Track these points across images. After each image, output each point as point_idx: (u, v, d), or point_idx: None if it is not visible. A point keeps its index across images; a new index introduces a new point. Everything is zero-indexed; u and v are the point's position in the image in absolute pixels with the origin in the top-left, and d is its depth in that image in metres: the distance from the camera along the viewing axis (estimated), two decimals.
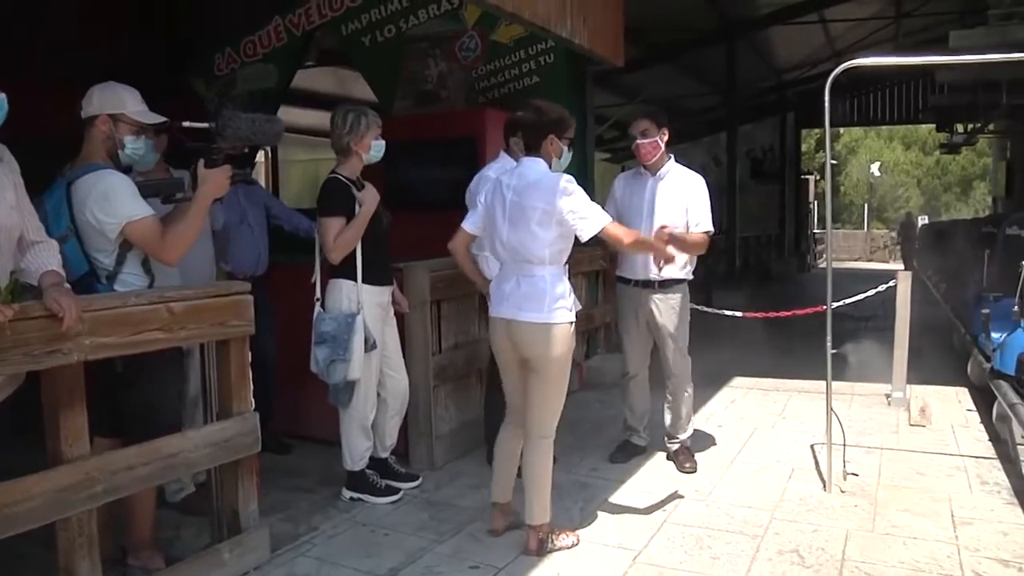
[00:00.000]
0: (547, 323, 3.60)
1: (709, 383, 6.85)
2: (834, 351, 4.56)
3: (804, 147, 28.22)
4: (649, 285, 4.82)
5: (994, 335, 5.94)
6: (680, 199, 4.74)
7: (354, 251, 4.18)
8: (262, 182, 11.37)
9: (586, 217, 3.54)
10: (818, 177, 26.59)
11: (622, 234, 3.64)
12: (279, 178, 11.64)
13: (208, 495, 3.63)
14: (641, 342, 4.96)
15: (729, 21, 14.29)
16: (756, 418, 6.12)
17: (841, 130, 38.47)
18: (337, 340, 4.09)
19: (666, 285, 4.80)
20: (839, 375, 7.22)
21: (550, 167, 3.70)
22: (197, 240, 3.43)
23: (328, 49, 9.31)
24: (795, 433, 5.66)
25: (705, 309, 6.91)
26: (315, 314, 4.24)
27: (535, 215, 3.57)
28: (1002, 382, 5.40)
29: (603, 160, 18.93)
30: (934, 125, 21.40)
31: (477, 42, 7.65)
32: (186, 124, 3.28)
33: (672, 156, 4.89)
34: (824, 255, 29.03)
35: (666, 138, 4.77)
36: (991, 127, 17.74)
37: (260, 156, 10.72)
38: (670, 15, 12.71)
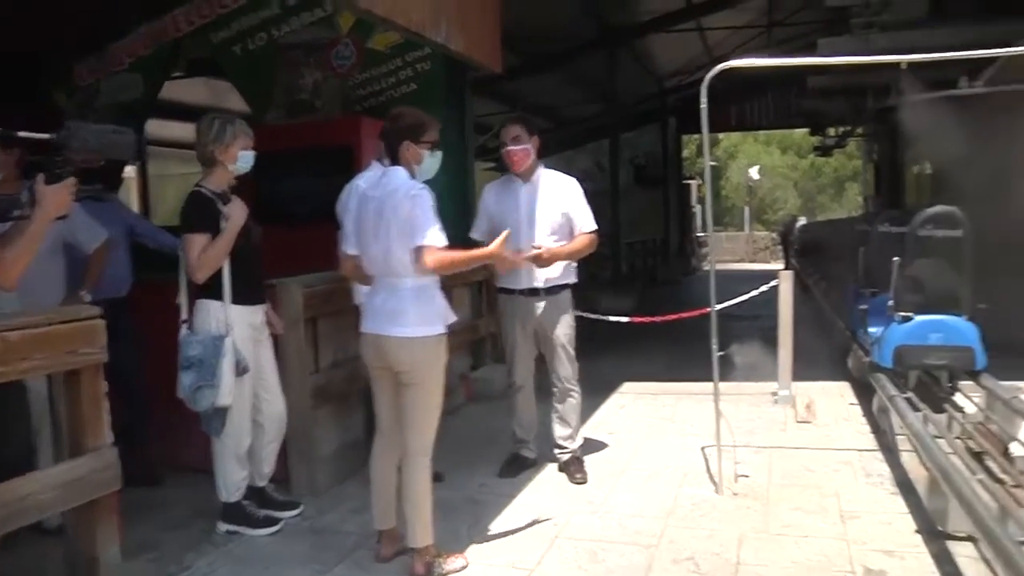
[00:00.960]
0: (414, 337, 3.46)
1: (598, 390, 6.80)
2: (720, 353, 4.54)
3: (686, 152, 28.81)
4: (535, 293, 4.73)
5: (871, 330, 6.06)
6: (556, 204, 4.69)
7: (221, 269, 3.93)
8: (133, 198, 10.83)
9: (415, 228, 3.40)
10: (700, 181, 27.21)
11: (430, 261, 3.42)
12: (150, 194, 11.12)
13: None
14: (527, 352, 4.87)
15: (609, 29, 14.43)
16: (646, 423, 6.10)
17: (721, 135, 39.57)
18: (204, 364, 3.83)
19: (553, 291, 4.75)
20: (727, 376, 7.28)
21: (412, 174, 3.55)
22: (49, 260, 3.14)
23: (199, 59, 8.93)
24: (685, 437, 5.65)
25: (591, 316, 6.85)
26: (180, 337, 3.97)
27: (394, 226, 3.43)
28: (880, 375, 5.49)
29: (487, 169, 18.85)
30: (808, 129, 22.19)
31: (352, 50, 7.45)
32: (22, 135, 2.99)
33: (543, 163, 4.82)
34: (708, 256, 29.68)
35: (537, 145, 4.69)
36: (859, 130, 18.44)
37: (130, 171, 10.21)
38: (551, 24, 12.77)
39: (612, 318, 7.06)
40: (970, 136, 9.81)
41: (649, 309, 8.57)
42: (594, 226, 4.75)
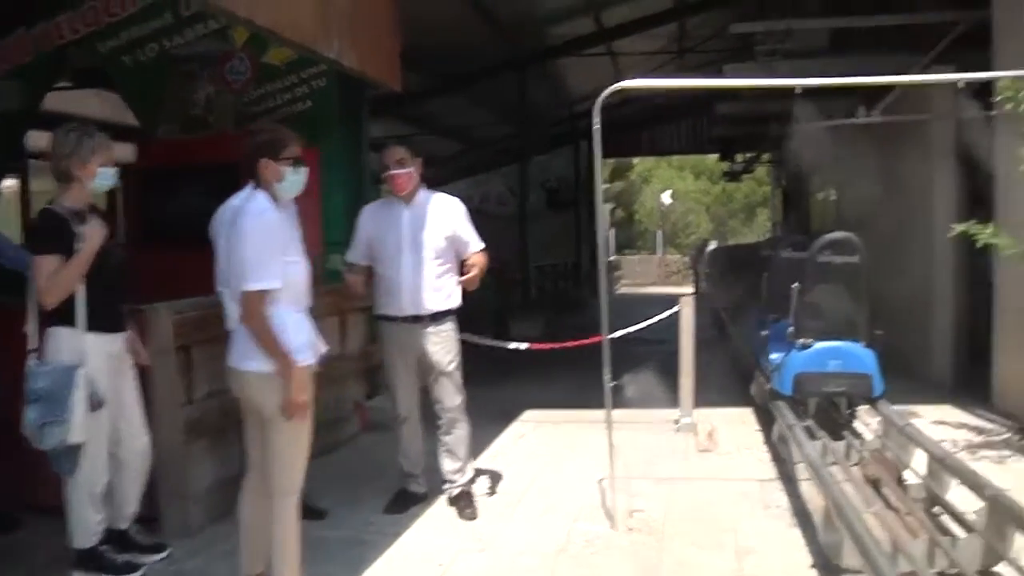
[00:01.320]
0: (263, 372, 3.22)
1: (498, 419, 6.63)
2: (613, 383, 4.38)
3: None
4: (418, 320, 4.54)
5: (772, 356, 6.01)
6: (440, 227, 4.55)
7: (74, 294, 3.61)
8: (13, 214, 10.25)
9: (240, 268, 3.18)
10: (613, 205, 27.42)
11: (245, 316, 3.20)
12: (32, 210, 10.55)
13: None
14: (411, 382, 4.66)
15: (520, 51, 14.35)
16: (545, 454, 5.91)
17: (635, 160, 40.06)
18: (52, 398, 3.49)
19: (438, 318, 4.57)
20: (629, 402, 7.20)
21: (275, 193, 3.32)
22: None
23: (89, 69, 8.48)
24: (584, 468, 5.46)
25: (489, 343, 6.68)
26: (27, 368, 3.62)
27: (233, 257, 3.23)
28: (781, 403, 5.45)
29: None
30: (718, 155, 22.58)
31: (247, 64, 7.15)
32: None
33: (424, 185, 4.68)
34: (620, 280, 29.79)
35: (420, 168, 4.53)
36: (766, 156, 18.80)
37: (8, 183, 9.68)
38: (461, 44, 12.61)
39: (511, 345, 6.85)
40: (863, 163, 10.01)
41: (559, 333, 8.44)
42: (482, 244, 4.68)
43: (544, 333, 12.70)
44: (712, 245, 23.50)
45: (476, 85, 15.01)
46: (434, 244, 4.52)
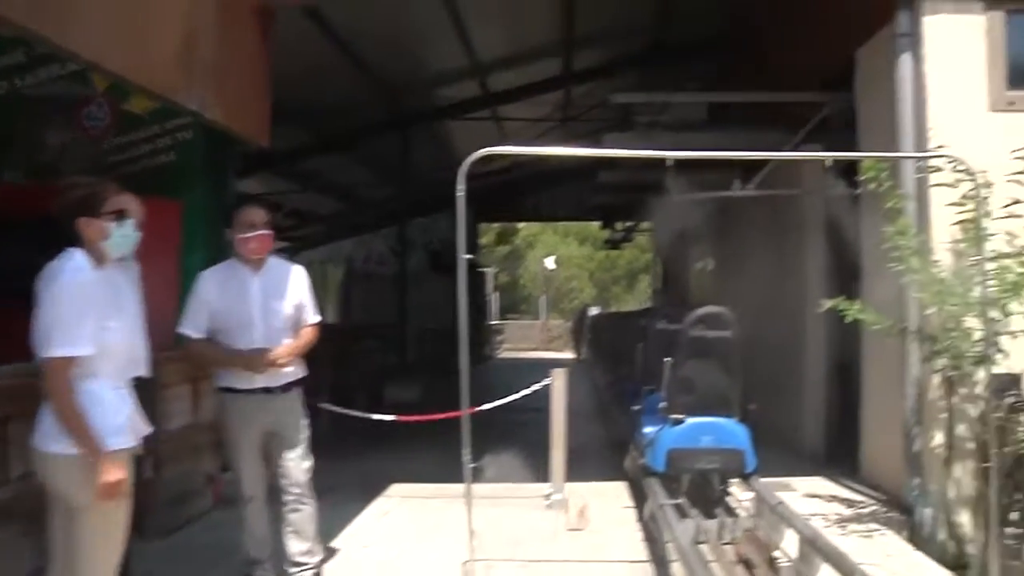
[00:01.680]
0: (68, 455, 2.88)
1: (361, 493, 6.28)
2: (474, 464, 4.14)
3: (484, 240, 29.09)
4: (268, 392, 4.22)
5: (646, 430, 5.88)
6: (290, 295, 4.31)
7: None
8: None
9: (42, 334, 2.90)
10: (496, 270, 27.42)
11: (51, 380, 2.90)
12: None
13: None
14: (256, 458, 4.31)
15: (404, 112, 14.24)
16: (409, 533, 5.57)
17: (520, 224, 40.42)
18: None
19: (287, 389, 4.28)
20: (501, 476, 6.96)
21: (103, 252, 3.00)
22: None
23: None
24: (449, 549, 5.13)
25: (354, 413, 6.36)
26: None
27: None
28: (653, 480, 5.31)
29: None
30: (600, 222, 22.89)
31: (106, 111, 6.79)
32: None
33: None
34: (502, 345, 29.63)
35: (272, 231, 4.27)
36: (646, 225, 19.12)
37: None
38: (344, 102, 12.43)
39: (376, 417, 6.51)
40: (738, 236, 10.20)
41: (437, 400, 8.12)
42: (319, 317, 4.47)
43: (421, 399, 12.38)
44: (594, 311, 23.70)
45: (360, 144, 14.82)
46: (286, 313, 4.28)
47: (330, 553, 4.64)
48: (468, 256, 4.21)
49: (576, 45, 12.25)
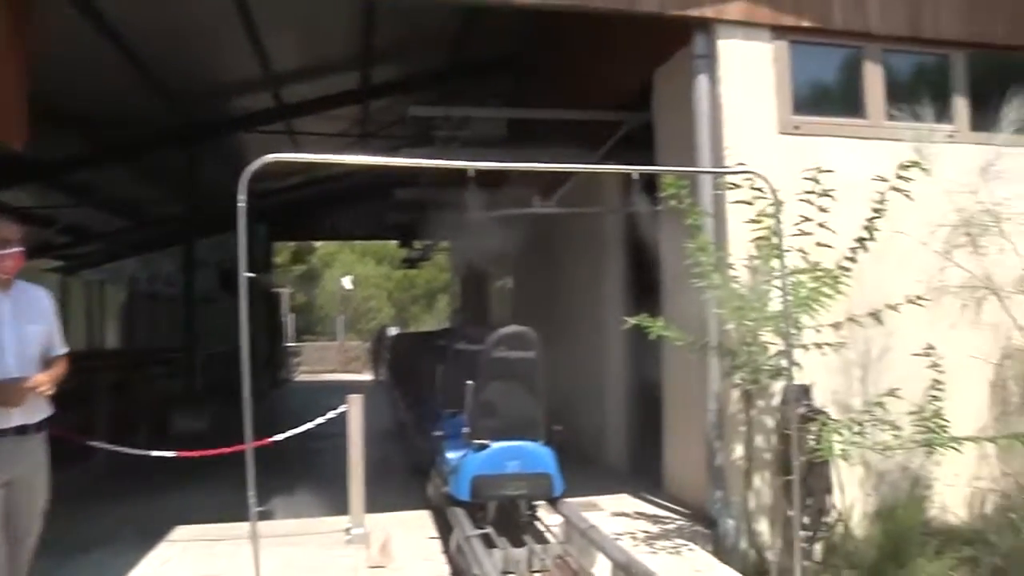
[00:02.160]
0: None
1: (140, 541, 5.64)
2: (260, 508, 3.70)
3: (279, 259, 28.07)
4: (24, 431, 3.62)
5: (449, 456, 5.61)
6: (42, 320, 3.76)
7: None
8: None
9: None
10: (292, 290, 26.51)
11: None
12: None
13: None
14: None
15: (192, 123, 13.33)
16: None
17: (317, 244, 39.41)
18: None
19: (42, 427, 3.73)
20: (296, 511, 6.48)
21: None
22: None
23: None
24: None
25: (126, 451, 5.72)
26: None
27: None
28: (458, 510, 5.04)
29: (51, 269, 16.54)
30: (398, 241, 22.56)
31: None
32: None
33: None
34: (299, 367, 28.65)
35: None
36: (444, 244, 18.99)
37: None
38: (125, 109, 11.45)
39: (156, 454, 5.87)
40: (538, 255, 10.18)
41: (228, 429, 7.49)
42: (67, 348, 3.94)
43: (211, 428, 11.56)
44: (393, 331, 23.32)
45: (144, 156, 13.75)
46: (38, 340, 3.75)
47: None
48: (250, 275, 3.76)
49: (375, 59, 11.90)
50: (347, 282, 36.16)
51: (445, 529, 5.79)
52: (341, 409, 5.82)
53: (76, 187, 14.28)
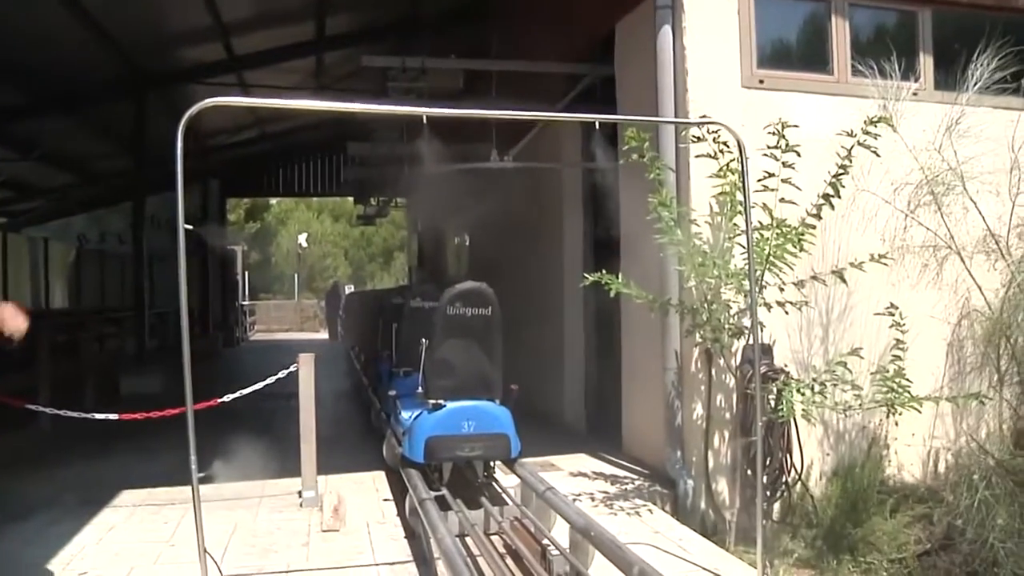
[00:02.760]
0: None
1: (84, 507, 5.44)
2: (201, 475, 3.53)
3: (232, 216, 27.52)
4: None
5: (403, 415, 5.47)
6: None
7: None
8: None
9: None
10: (245, 248, 26.05)
11: None
12: None
13: None
14: None
15: (139, 74, 12.84)
16: (138, 550, 4.75)
17: (273, 200, 38.77)
18: None
19: None
20: (247, 474, 6.32)
21: None
22: None
23: None
24: (184, 565, 4.46)
25: (71, 415, 5.51)
26: None
27: None
28: (412, 471, 4.89)
29: None
30: (353, 198, 22.22)
31: None
32: None
33: None
34: (255, 326, 28.33)
35: None
36: (401, 200, 18.71)
37: None
38: (68, 58, 10.94)
39: (100, 417, 5.62)
40: (496, 210, 10.00)
41: (180, 389, 7.29)
42: None
43: (163, 389, 11.26)
44: (349, 288, 23.05)
45: (88, 109, 13.26)
46: None
47: None
48: (188, 227, 3.53)
49: (330, 8, 11.54)
50: (303, 240, 35.67)
51: (401, 490, 5.67)
52: (291, 368, 5.63)
53: (18, 140, 13.75)
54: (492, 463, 5.16)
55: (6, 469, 6.41)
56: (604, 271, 5.54)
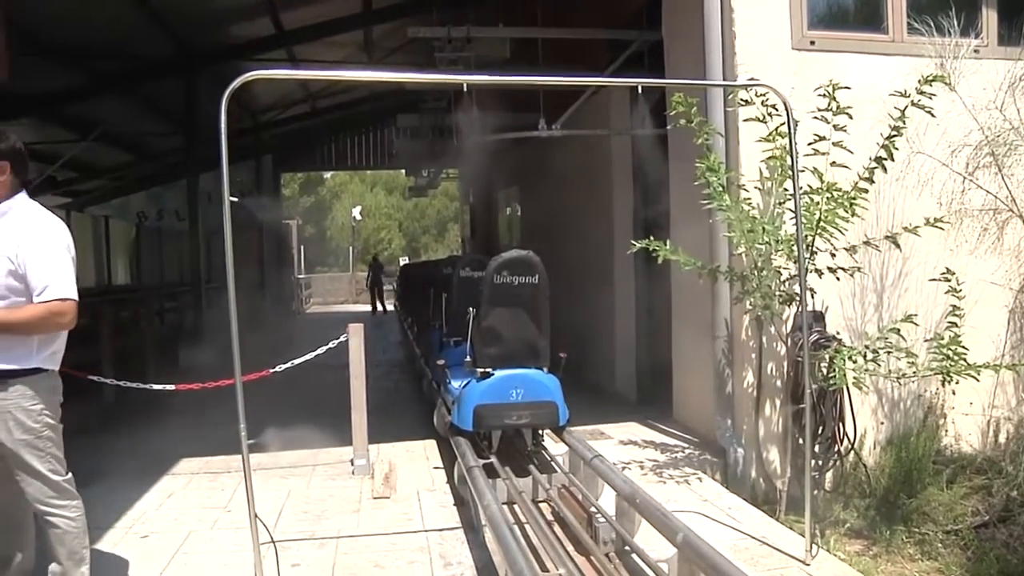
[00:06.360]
0: None
1: (144, 474, 5.61)
2: (251, 441, 3.59)
3: (287, 191, 27.80)
4: None
5: (452, 384, 5.52)
6: (7, 253, 3.27)
7: None
8: None
9: None
10: (300, 222, 26.33)
11: None
12: None
13: None
14: None
15: (189, 52, 13.01)
16: (195, 516, 4.91)
17: (326, 174, 39.12)
18: None
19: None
20: (302, 442, 6.43)
21: None
22: None
23: None
24: (240, 531, 4.55)
25: (130, 385, 5.64)
26: None
27: None
28: (461, 439, 4.94)
29: (59, 206, 16.37)
30: (405, 170, 22.31)
31: None
32: None
33: (23, 195, 3.41)
34: (310, 299, 28.69)
35: (6, 174, 3.35)
36: (452, 172, 18.73)
37: None
38: (120, 39, 11.14)
39: (157, 387, 5.76)
40: (545, 180, 9.96)
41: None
42: (56, 294, 3.26)
43: (219, 360, 11.46)
44: (403, 260, 23.19)
45: (142, 87, 13.49)
46: None
47: (102, 553, 3.93)
48: (234, 199, 3.56)
49: None
50: (357, 212, 35.95)
51: (450, 459, 5.72)
52: (341, 339, 5.69)
53: (78, 122, 14.06)
54: (540, 431, 5.17)
55: (70, 438, 6.60)
56: (653, 238, 5.49)
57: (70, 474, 3.47)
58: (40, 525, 3.45)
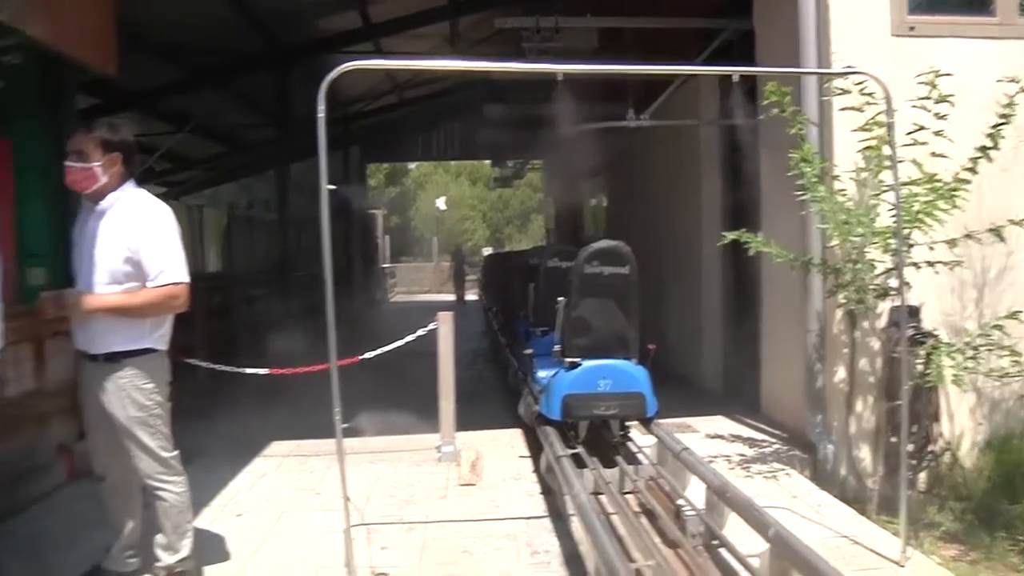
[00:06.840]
0: None
1: (238, 455, 5.79)
2: (345, 425, 3.66)
3: (373, 182, 28.20)
4: (94, 359, 3.51)
5: (540, 374, 5.54)
6: (122, 241, 3.46)
7: None
8: None
9: None
10: (386, 212, 26.70)
11: None
12: None
13: None
14: (104, 433, 3.60)
15: (280, 46, 13.33)
16: (287, 497, 5.07)
17: (411, 165, 39.55)
18: None
19: (114, 359, 3.48)
20: (390, 428, 6.53)
21: None
22: None
23: None
24: (330, 513, 4.68)
25: (224, 369, 5.81)
26: None
27: None
28: (549, 429, 4.95)
29: (158, 196, 16.93)
30: (490, 161, 22.43)
31: None
32: None
33: (131, 184, 3.59)
34: (395, 288, 29.09)
35: (117, 162, 3.52)
36: (537, 162, 18.74)
37: None
38: (212, 34, 11.48)
39: (249, 371, 5.94)
40: (632, 170, 9.88)
41: (325, 347, 7.57)
42: (170, 278, 3.47)
43: (307, 349, 11.72)
44: (487, 250, 23.33)
45: (235, 80, 13.87)
46: (109, 264, 3.47)
47: (199, 529, 4.07)
48: (331, 187, 3.65)
49: None
50: (441, 203, 36.28)
51: (536, 448, 5.75)
52: (431, 327, 5.77)
53: (173, 115, 14.53)
54: (627, 422, 5.15)
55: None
56: (743, 230, 5.41)
57: (177, 451, 3.63)
58: (147, 499, 3.62)
